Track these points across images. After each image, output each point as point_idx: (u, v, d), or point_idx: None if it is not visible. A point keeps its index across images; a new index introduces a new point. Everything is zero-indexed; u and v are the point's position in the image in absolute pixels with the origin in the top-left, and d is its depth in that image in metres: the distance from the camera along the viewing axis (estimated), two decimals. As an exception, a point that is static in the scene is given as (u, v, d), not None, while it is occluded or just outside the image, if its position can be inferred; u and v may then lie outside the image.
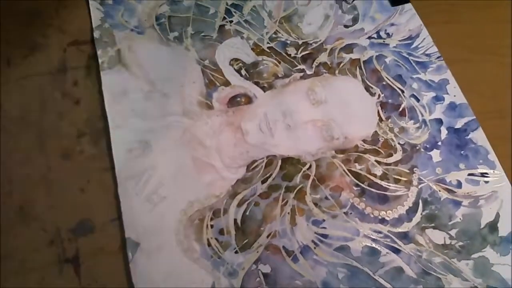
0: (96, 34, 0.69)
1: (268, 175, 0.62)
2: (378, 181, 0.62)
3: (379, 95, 0.68)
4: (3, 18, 0.70)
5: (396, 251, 0.58)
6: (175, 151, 0.62)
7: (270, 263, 0.57)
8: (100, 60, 0.67)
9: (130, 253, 0.56)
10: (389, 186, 0.62)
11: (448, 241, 0.59)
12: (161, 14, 0.72)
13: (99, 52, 0.68)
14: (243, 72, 0.69)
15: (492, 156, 0.64)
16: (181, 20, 0.72)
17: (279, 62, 0.70)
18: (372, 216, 0.60)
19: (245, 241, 0.58)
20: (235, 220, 0.59)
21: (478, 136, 0.66)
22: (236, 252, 0.57)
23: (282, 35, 0.73)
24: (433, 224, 0.60)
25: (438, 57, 0.71)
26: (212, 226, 0.58)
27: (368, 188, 0.62)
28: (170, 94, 0.66)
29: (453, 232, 0.60)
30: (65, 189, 0.60)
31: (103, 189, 0.60)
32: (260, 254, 0.57)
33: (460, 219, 0.61)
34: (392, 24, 0.74)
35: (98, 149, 0.62)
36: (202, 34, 0.71)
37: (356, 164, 0.63)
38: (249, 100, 0.67)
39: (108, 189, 0.60)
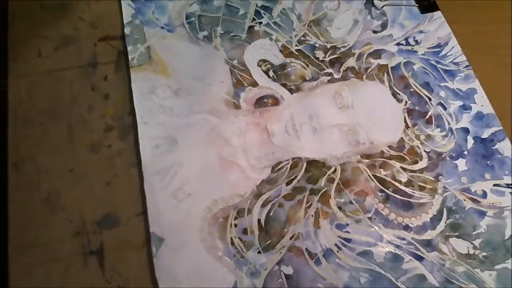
0: (126, 30, 0.70)
1: (293, 177, 0.62)
2: (403, 188, 0.62)
3: (406, 102, 0.68)
4: (35, 10, 0.71)
5: (419, 258, 0.58)
6: (201, 149, 0.63)
7: (292, 265, 0.57)
8: (130, 56, 0.68)
9: (154, 248, 0.56)
10: (414, 193, 0.62)
11: (471, 251, 0.59)
12: (191, 13, 0.73)
13: (129, 48, 0.68)
14: (270, 73, 0.69)
15: (518, 168, 0.64)
16: (211, 19, 0.73)
17: (307, 65, 0.70)
18: (396, 222, 0.60)
19: (268, 242, 0.58)
20: (258, 220, 0.59)
21: (505, 147, 0.65)
22: (259, 252, 0.57)
23: (310, 38, 0.73)
24: (457, 233, 0.60)
25: (466, 66, 0.71)
26: (236, 225, 0.59)
27: (392, 194, 0.62)
28: (198, 92, 0.67)
29: (477, 242, 0.59)
30: (92, 182, 0.60)
31: (129, 183, 0.60)
32: (282, 255, 0.57)
33: (484, 229, 0.60)
34: (421, 32, 0.74)
35: (126, 144, 0.63)
36: (232, 34, 0.72)
37: (381, 169, 0.63)
38: (276, 101, 0.67)
39: (134, 183, 0.60)
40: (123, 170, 0.61)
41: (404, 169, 0.63)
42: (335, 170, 0.63)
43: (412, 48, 0.73)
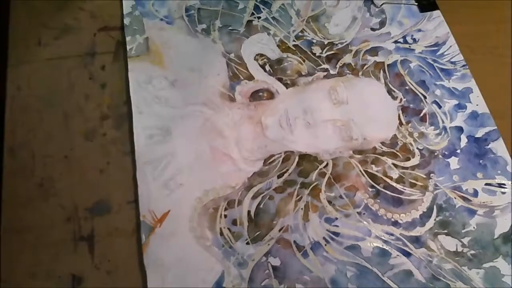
0: (126, 21, 0.71)
1: (284, 170, 0.62)
2: (394, 184, 0.62)
3: (401, 99, 0.68)
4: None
5: (407, 254, 0.58)
6: (195, 140, 0.63)
7: (280, 257, 0.57)
8: (128, 47, 0.69)
9: (144, 235, 0.57)
10: (405, 189, 0.62)
11: (460, 249, 0.59)
12: (190, 6, 0.73)
13: (128, 39, 0.69)
14: (267, 67, 0.69)
15: (511, 167, 0.64)
16: (210, 13, 0.73)
17: (304, 60, 0.70)
18: (385, 218, 0.60)
19: (257, 233, 0.58)
20: (248, 212, 0.60)
21: (498, 147, 0.65)
22: (247, 243, 0.58)
23: (308, 34, 0.73)
24: (446, 231, 0.60)
25: (463, 66, 0.71)
26: (225, 216, 0.59)
27: (383, 190, 0.62)
28: (194, 84, 0.67)
29: (465, 240, 0.59)
30: (85, 169, 0.61)
31: (122, 171, 0.61)
32: (271, 247, 0.58)
33: (474, 227, 0.60)
34: (419, 30, 0.74)
35: (120, 133, 0.64)
36: (230, 28, 0.72)
37: (373, 165, 0.63)
38: (271, 95, 0.68)
39: (127, 172, 0.61)
40: (117, 159, 0.62)
41: (395, 165, 0.64)
42: (327, 164, 0.63)
43: (410, 46, 0.73)
